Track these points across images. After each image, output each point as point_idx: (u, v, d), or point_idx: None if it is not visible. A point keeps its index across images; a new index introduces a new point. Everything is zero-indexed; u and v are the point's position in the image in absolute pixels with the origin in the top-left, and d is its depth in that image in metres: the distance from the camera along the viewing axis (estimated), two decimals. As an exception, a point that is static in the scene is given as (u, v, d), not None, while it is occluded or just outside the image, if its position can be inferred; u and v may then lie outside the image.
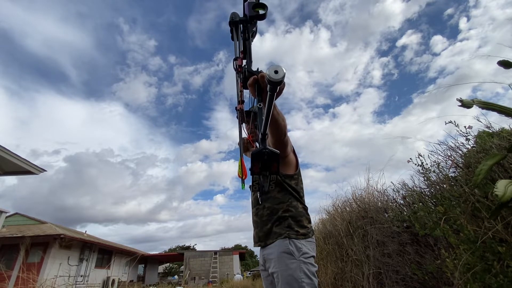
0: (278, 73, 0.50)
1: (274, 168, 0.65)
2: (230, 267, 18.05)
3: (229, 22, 0.93)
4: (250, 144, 1.42)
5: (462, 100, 1.00)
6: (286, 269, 1.07)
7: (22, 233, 10.21)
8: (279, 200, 1.23)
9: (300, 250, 1.11)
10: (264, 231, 1.24)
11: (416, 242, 2.41)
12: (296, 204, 1.24)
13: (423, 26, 65.29)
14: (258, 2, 0.89)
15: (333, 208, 4.11)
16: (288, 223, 1.18)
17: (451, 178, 1.95)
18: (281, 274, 1.07)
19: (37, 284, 3.91)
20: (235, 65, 0.88)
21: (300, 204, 1.27)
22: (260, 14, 0.87)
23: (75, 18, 56.80)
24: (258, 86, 0.69)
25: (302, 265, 1.07)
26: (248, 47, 0.85)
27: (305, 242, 1.15)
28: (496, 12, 11.19)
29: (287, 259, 1.08)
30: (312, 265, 1.11)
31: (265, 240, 1.22)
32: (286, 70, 0.50)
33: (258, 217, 1.30)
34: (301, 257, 1.09)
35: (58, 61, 62.33)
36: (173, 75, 72.13)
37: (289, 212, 1.21)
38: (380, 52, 72.87)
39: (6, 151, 5.71)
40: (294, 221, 1.19)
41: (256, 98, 0.70)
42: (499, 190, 0.78)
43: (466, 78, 1.95)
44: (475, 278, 1.45)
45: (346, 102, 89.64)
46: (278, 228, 1.18)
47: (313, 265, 1.12)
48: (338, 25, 71.20)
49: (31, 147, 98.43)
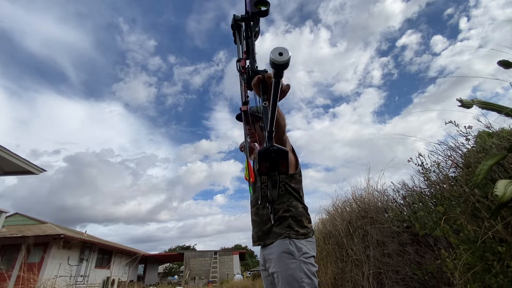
0: (283, 55, 0.46)
1: (284, 167, 0.61)
2: (230, 267, 18.05)
3: (231, 25, 0.91)
4: (251, 148, 1.42)
5: (462, 100, 1.00)
6: (286, 269, 1.07)
7: (22, 233, 10.20)
8: (279, 200, 1.23)
9: (301, 250, 1.11)
10: (263, 230, 1.24)
11: (416, 242, 2.41)
12: (296, 204, 1.24)
13: (423, 26, 65.34)
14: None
15: (333, 208, 4.11)
16: (288, 223, 1.17)
17: (451, 178, 1.95)
18: (281, 274, 1.07)
19: (37, 284, 3.91)
20: (239, 66, 0.86)
21: (300, 204, 1.27)
22: (262, 10, 0.82)
23: (74, 18, 56.85)
24: (263, 85, 0.67)
25: (302, 265, 1.07)
26: (252, 45, 0.82)
27: (305, 242, 1.15)
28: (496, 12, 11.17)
29: (287, 259, 1.08)
30: (312, 265, 1.11)
31: (264, 240, 1.22)
32: (291, 53, 0.45)
33: (258, 216, 1.29)
34: (301, 257, 1.09)
35: (58, 61, 62.38)
36: (173, 75, 72.17)
37: (289, 212, 1.20)
38: (380, 52, 72.91)
39: (6, 151, 5.71)
40: (294, 221, 1.18)
41: (261, 97, 0.67)
42: (499, 190, 0.78)
43: (466, 78, 1.94)
44: (475, 278, 1.45)
45: (346, 102, 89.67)
46: (278, 228, 1.18)
47: (313, 265, 1.12)
48: (338, 25, 71.20)
49: (31, 147, 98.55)
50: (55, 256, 10.86)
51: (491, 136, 1.80)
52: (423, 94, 52.31)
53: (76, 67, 62.67)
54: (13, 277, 8.18)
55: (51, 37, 59.85)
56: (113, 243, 16.33)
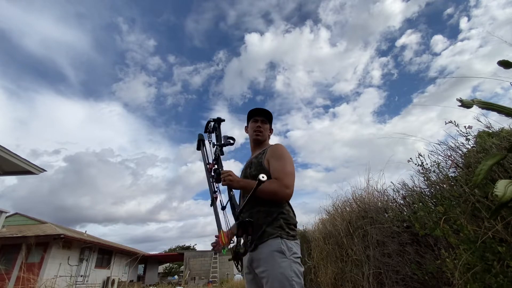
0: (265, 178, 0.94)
1: (250, 232, 1.09)
2: (230, 267, 18.05)
3: (198, 142, 1.60)
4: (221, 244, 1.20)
5: (462, 100, 1.00)
6: (277, 267, 1.08)
7: (22, 233, 10.21)
8: (274, 204, 1.27)
9: (291, 250, 1.14)
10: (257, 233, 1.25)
11: (416, 242, 2.41)
12: (288, 208, 1.30)
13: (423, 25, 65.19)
14: (231, 137, 1.51)
15: (333, 208, 4.11)
16: (280, 223, 1.20)
17: (451, 178, 1.95)
18: (271, 272, 1.08)
19: (37, 284, 3.91)
20: (208, 167, 1.41)
21: (291, 209, 1.32)
22: (231, 143, 1.49)
23: (73, 18, 56.69)
24: (229, 187, 1.25)
25: (292, 264, 1.09)
26: (220, 161, 1.40)
27: (294, 243, 1.18)
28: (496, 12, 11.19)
29: (279, 258, 1.10)
30: (300, 265, 1.14)
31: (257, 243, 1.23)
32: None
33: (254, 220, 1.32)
34: (291, 256, 1.12)
35: (57, 61, 62.16)
36: (172, 75, 72.09)
37: (282, 214, 1.24)
38: (380, 52, 72.81)
39: (6, 151, 5.71)
40: (285, 223, 1.22)
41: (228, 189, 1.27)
42: (499, 190, 0.78)
43: (466, 78, 1.94)
44: (475, 278, 1.45)
45: (346, 102, 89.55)
46: (270, 228, 1.20)
47: (301, 265, 1.15)
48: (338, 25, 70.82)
49: (31, 147, 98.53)
50: (55, 256, 10.87)
51: (491, 136, 1.81)
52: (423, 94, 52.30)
53: (75, 67, 62.51)
54: (13, 277, 8.19)
55: (50, 37, 59.72)
56: (113, 243, 16.34)
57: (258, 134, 1.57)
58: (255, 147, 1.62)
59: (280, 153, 1.38)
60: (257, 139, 1.58)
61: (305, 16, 79.98)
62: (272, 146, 1.47)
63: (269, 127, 1.65)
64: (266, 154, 1.42)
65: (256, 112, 1.62)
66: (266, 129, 1.61)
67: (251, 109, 1.63)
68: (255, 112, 1.62)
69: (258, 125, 1.58)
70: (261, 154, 1.46)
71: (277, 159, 1.35)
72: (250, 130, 1.63)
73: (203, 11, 69.39)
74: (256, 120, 1.60)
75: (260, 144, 1.59)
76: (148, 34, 72.97)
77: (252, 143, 1.64)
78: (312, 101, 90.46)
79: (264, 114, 1.61)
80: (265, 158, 1.40)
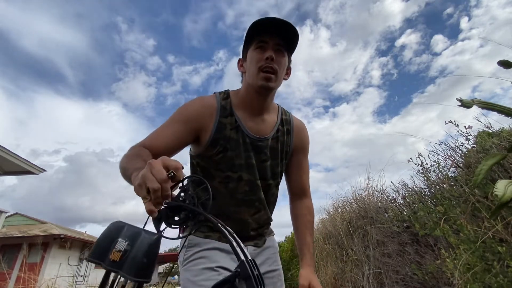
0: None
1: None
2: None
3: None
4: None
5: (462, 100, 1.00)
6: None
7: (22, 233, 10.22)
8: (272, 206, 1.10)
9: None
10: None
11: (416, 242, 2.41)
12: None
13: (422, 25, 65.28)
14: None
15: (333, 208, 4.12)
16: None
17: (451, 178, 1.95)
18: (281, 273, 1.05)
19: (37, 284, 3.92)
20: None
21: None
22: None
23: (72, 18, 56.81)
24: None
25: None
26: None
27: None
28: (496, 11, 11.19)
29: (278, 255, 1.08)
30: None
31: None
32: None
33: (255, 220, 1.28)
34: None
35: (55, 61, 62.49)
36: (172, 74, 72.20)
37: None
38: (380, 52, 72.82)
39: (6, 151, 5.71)
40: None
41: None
42: (499, 190, 0.78)
43: (466, 78, 1.95)
44: (475, 278, 1.45)
45: (346, 102, 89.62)
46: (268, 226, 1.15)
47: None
48: (338, 25, 71.05)
49: (31, 147, 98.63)
50: (55, 256, 10.87)
51: (491, 136, 1.81)
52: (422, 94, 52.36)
53: (73, 67, 62.82)
54: (13, 277, 8.19)
55: (49, 37, 59.99)
56: (113, 243, 16.32)
57: (268, 77, 0.76)
58: (258, 102, 0.84)
59: (308, 147, 0.96)
60: (267, 86, 0.78)
61: (303, 16, 79.96)
62: (304, 127, 0.95)
63: (288, 64, 0.86)
64: (294, 139, 0.90)
65: (265, 27, 0.77)
66: (284, 66, 0.81)
67: (255, 20, 0.76)
68: (264, 26, 0.76)
69: (269, 55, 0.76)
70: (282, 136, 0.87)
71: (307, 158, 0.95)
72: (250, 66, 0.80)
73: (201, 11, 69.36)
74: (263, 47, 0.78)
75: (267, 98, 0.83)
76: (148, 34, 72.98)
77: (251, 92, 0.82)
78: (312, 101, 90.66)
79: (282, 34, 0.78)
80: (292, 148, 0.90)
